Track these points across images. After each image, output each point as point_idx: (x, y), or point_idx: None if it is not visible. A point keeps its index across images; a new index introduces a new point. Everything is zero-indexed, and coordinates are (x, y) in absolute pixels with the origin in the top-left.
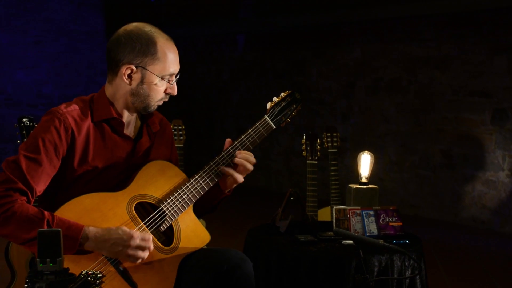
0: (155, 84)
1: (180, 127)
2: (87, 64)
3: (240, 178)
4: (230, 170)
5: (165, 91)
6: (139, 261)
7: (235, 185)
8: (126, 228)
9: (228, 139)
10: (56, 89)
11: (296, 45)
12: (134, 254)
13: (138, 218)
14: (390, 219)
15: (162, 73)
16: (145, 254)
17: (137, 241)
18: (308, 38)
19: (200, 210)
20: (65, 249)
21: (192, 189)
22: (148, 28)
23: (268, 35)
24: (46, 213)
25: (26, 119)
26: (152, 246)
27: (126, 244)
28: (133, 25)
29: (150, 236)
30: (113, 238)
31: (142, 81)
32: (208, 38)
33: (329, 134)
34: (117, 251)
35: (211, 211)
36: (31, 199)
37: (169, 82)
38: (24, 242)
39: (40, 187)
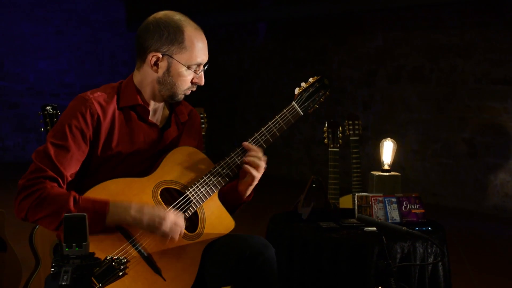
0: (181, 73)
1: (202, 115)
2: (109, 54)
3: (256, 173)
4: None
5: (191, 81)
6: (169, 237)
7: (251, 186)
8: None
9: None
10: (78, 79)
11: (317, 34)
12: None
13: (164, 204)
14: (413, 206)
15: (189, 62)
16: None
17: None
18: (329, 26)
19: None
20: (92, 225)
21: (217, 176)
22: (177, 16)
23: (289, 23)
24: (72, 192)
25: (49, 107)
26: (183, 229)
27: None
28: (162, 13)
29: (182, 221)
30: (148, 212)
31: (168, 70)
32: (229, 27)
33: (350, 122)
34: (152, 218)
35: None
36: (62, 185)
37: (195, 72)
38: (59, 226)
39: (70, 173)
